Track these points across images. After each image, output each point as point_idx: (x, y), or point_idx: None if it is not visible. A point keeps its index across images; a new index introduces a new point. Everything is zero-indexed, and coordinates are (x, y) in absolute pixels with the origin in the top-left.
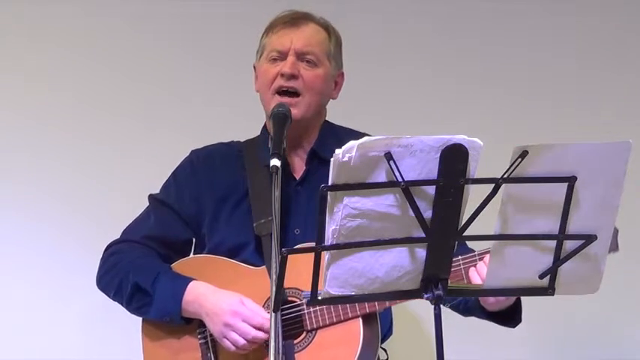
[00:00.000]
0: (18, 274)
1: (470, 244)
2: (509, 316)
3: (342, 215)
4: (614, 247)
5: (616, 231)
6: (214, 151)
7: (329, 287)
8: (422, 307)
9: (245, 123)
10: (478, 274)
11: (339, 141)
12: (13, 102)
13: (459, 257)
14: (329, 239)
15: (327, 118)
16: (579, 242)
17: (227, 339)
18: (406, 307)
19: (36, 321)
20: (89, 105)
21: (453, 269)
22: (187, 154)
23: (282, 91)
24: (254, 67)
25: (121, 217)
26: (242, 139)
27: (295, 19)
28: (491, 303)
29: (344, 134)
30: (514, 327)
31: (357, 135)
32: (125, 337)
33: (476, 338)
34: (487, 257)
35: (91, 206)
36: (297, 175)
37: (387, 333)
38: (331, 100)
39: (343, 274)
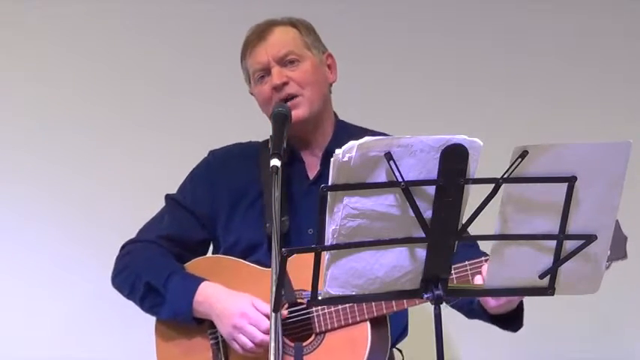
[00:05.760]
0: (18, 274)
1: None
2: (512, 320)
3: (342, 215)
4: (622, 254)
5: (625, 238)
6: (231, 151)
7: (329, 287)
8: None
9: (258, 124)
10: (482, 279)
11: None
12: (14, 102)
13: (466, 262)
14: (329, 239)
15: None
16: (579, 242)
17: (236, 341)
18: (422, 307)
19: (36, 321)
20: (96, 104)
21: (460, 274)
22: (205, 155)
23: (283, 102)
24: (252, 94)
25: (122, 217)
26: (257, 140)
27: (260, 32)
28: (492, 307)
29: (358, 133)
30: (515, 331)
31: (372, 134)
32: (125, 336)
33: (476, 338)
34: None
35: (91, 206)
36: (312, 175)
37: (401, 334)
38: (332, 101)
39: (343, 274)
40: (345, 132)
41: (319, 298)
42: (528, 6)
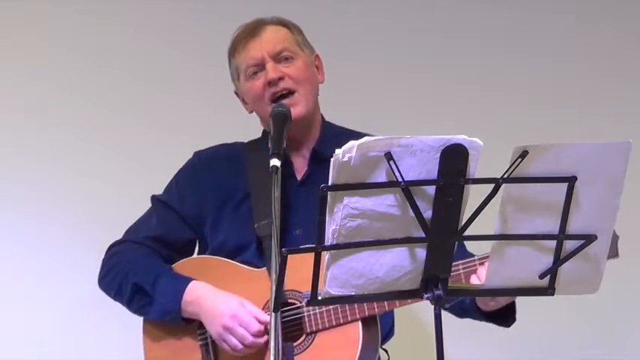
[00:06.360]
0: (18, 274)
1: (470, 244)
2: (505, 316)
3: (342, 215)
4: (614, 253)
5: (616, 237)
6: (217, 152)
7: (329, 287)
8: (424, 308)
9: (247, 124)
10: (478, 280)
11: (341, 140)
12: (14, 102)
13: (459, 262)
14: (329, 239)
15: (327, 120)
16: (579, 242)
17: (225, 342)
18: (408, 307)
19: (36, 321)
20: (96, 104)
21: (452, 274)
22: (190, 156)
23: (276, 98)
24: (236, 94)
25: (121, 217)
26: (244, 140)
27: (252, 30)
28: (486, 303)
29: (345, 134)
30: (509, 327)
31: (358, 135)
32: (124, 336)
33: (476, 338)
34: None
35: (91, 206)
36: (299, 175)
37: (387, 334)
38: (331, 101)
39: (343, 274)
40: (332, 133)
41: (319, 298)
42: (528, 6)
